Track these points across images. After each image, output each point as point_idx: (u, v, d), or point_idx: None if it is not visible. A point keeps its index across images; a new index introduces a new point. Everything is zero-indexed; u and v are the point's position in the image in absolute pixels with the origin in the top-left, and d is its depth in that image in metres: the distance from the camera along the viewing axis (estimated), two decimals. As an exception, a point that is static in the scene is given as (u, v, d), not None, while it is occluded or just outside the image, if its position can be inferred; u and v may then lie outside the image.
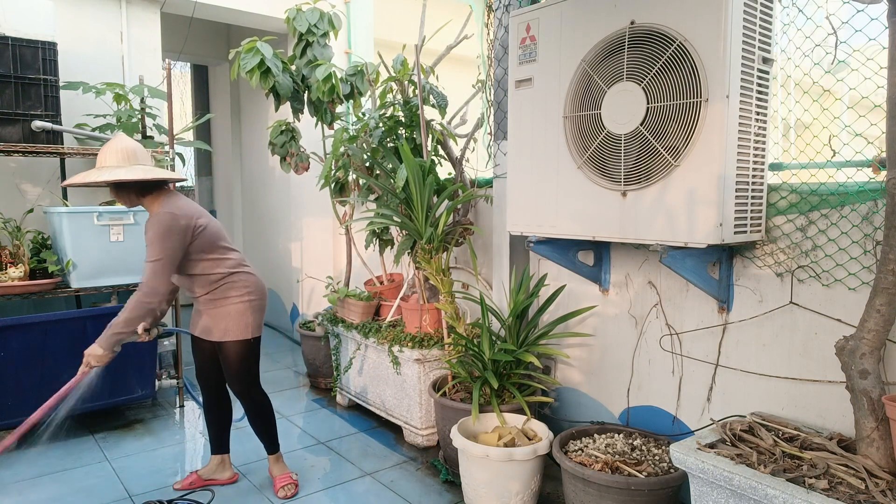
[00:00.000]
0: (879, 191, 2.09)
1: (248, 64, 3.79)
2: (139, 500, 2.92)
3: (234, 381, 2.91)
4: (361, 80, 4.08)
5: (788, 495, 1.79)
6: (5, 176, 4.14)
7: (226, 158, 7.32)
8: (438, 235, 3.26)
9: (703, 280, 2.51)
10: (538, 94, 2.75)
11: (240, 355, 2.86)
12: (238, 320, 2.81)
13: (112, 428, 3.82)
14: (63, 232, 3.66)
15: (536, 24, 2.75)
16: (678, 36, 2.21)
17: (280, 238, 6.42)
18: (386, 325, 3.84)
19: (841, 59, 2.18)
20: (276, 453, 3.08)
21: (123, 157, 2.72)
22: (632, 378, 2.97)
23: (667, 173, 2.28)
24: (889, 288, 1.89)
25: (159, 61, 4.75)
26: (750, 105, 2.23)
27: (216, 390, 3.05)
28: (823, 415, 2.29)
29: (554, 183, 2.71)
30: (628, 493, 2.33)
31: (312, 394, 4.55)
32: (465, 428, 2.88)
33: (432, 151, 3.77)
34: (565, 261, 2.99)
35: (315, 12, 4.01)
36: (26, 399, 3.45)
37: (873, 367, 1.93)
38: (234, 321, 2.81)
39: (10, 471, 3.23)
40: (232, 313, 2.80)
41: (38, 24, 3.86)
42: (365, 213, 4.17)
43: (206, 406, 3.09)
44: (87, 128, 4.19)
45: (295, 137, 4.41)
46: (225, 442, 3.12)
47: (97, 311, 3.69)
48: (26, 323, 3.41)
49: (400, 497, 2.98)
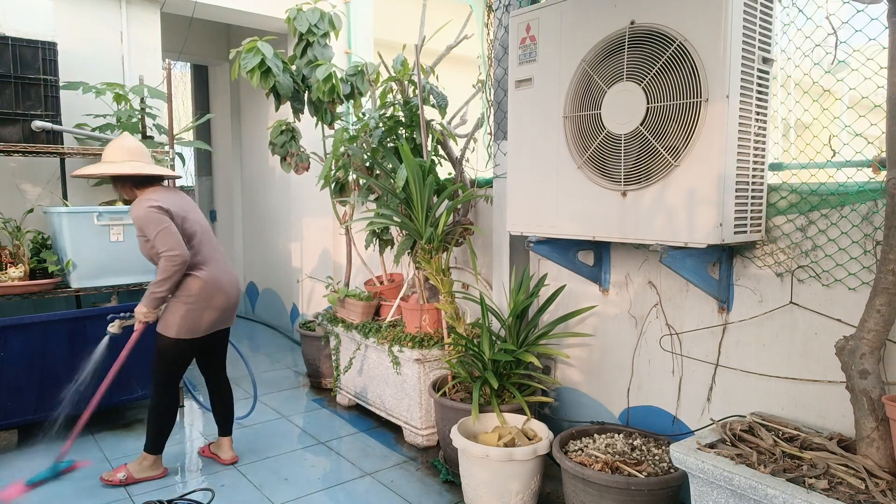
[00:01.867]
0: (879, 191, 2.09)
1: (249, 63, 3.80)
2: (139, 500, 2.92)
3: (152, 371, 3.08)
4: (361, 81, 4.08)
5: (788, 495, 1.79)
6: (5, 176, 4.14)
7: (226, 158, 7.32)
8: (438, 235, 3.26)
9: (703, 280, 2.51)
10: (538, 94, 2.75)
11: (160, 350, 3.02)
12: (170, 316, 2.97)
13: (112, 428, 3.81)
14: (63, 232, 3.66)
15: (536, 24, 2.75)
16: (678, 36, 2.21)
17: (280, 238, 6.42)
18: (386, 325, 3.84)
19: (841, 59, 2.18)
20: (147, 454, 3.12)
21: (125, 153, 3.01)
22: (632, 378, 2.97)
23: (667, 173, 2.28)
24: (889, 288, 1.89)
25: (159, 61, 4.75)
26: (750, 105, 2.23)
27: (212, 376, 3.32)
28: (823, 415, 2.29)
29: (554, 183, 2.71)
30: (628, 493, 2.33)
31: (312, 394, 4.55)
32: (465, 428, 2.88)
33: (432, 151, 3.77)
34: (565, 261, 2.99)
35: (316, 12, 4.01)
36: (26, 399, 3.46)
37: (873, 367, 1.93)
38: (169, 316, 2.98)
39: (11, 471, 3.23)
40: (171, 309, 2.98)
41: (38, 24, 3.86)
42: (365, 213, 4.18)
43: (209, 391, 3.36)
44: (87, 128, 4.19)
45: (295, 137, 4.41)
46: (224, 427, 3.36)
47: (97, 311, 3.69)
48: (26, 323, 3.41)
49: (400, 497, 2.98)
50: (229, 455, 3.33)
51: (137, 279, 3.93)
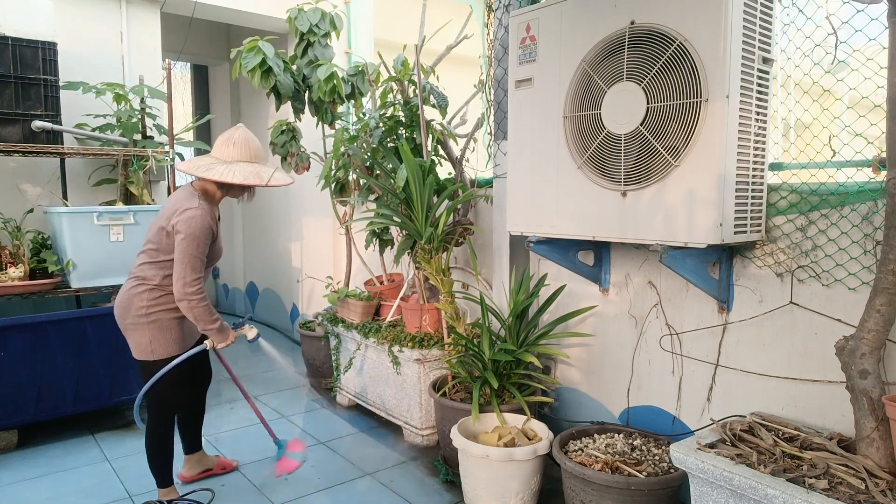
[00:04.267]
0: (879, 191, 2.09)
1: (250, 63, 3.80)
2: (139, 500, 2.92)
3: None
4: (362, 81, 4.09)
5: (788, 495, 1.79)
6: (5, 176, 4.14)
7: (226, 158, 7.30)
8: (438, 235, 3.26)
9: (703, 280, 2.51)
10: (538, 94, 2.75)
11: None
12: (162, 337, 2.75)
13: (112, 428, 3.81)
14: (63, 232, 3.66)
15: (536, 24, 2.75)
16: (678, 36, 2.21)
17: (280, 238, 6.42)
18: (386, 325, 3.84)
19: (841, 59, 2.18)
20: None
21: (252, 153, 2.72)
22: (632, 378, 2.97)
23: (667, 173, 2.28)
24: (889, 288, 1.89)
25: (159, 61, 4.75)
26: (750, 105, 2.23)
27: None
28: (823, 415, 2.29)
29: (554, 183, 2.71)
30: (628, 493, 2.33)
31: (312, 394, 4.55)
32: (465, 428, 2.88)
33: (432, 151, 3.77)
34: (565, 261, 2.99)
35: (317, 12, 4.02)
36: (26, 399, 3.46)
37: (873, 367, 1.93)
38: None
39: (11, 471, 3.23)
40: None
41: (38, 24, 3.87)
42: (365, 213, 4.18)
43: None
44: (87, 128, 4.19)
45: (296, 137, 4.41)
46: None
47: (97, 311, 3.69)
48: (26, 323, 3.41)
49: (400, 497, 2.98)
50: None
51: (137, 279, 3.93)
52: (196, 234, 2.53)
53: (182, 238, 2.52)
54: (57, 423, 3.79)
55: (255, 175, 2.65)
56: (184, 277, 2.51)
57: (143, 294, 2.63)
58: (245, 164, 2.68)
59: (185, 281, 2.52)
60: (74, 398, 3.63)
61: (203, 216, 2.56)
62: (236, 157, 2.68)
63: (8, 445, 3.47)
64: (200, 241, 2.54)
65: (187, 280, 2.51)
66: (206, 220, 2.57)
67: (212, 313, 2.61)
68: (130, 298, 2.64)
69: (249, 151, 2.70)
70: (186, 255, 2.52)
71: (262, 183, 2.65)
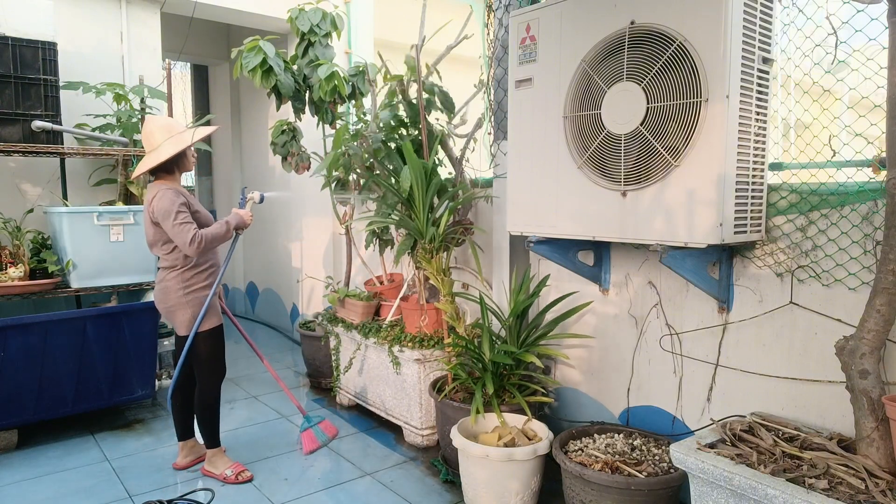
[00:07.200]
0: (879, 191, 2.09)
1: (251, 63, 3.80)
2: (139, 500, 2.92)
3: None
4: (363, 81, 4.08)
5: (788, 495, 1.79)
6: (5, 176, 4.14)
7: (226, 158, 7.31)
8: (440, 235, 3.26)
9: (703, 280, 2.51)
10: (538, 94, 2.75)
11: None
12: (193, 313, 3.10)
13: (112, 428, 3.81)
14: (63, 232, 3.66)
15: (536, 24, 2.75)
16: (678, 36, 2.21)
17: (280, 238, 6.42)
18: (386, 326, 3.83)
19: (841, 59, 2.18)
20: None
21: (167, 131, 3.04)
22: (632, 378, 2.97)
23: (667, 173, 2.28)
24: (889, 288, 1.89)
25: (159, 61, 4.75)
26: (750, 105, 2.23)
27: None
28: (823, 415, 2.29)
29: (554, 183, 2.71)
30: (628, 493, 2.33)
31: (312, 394, 4.55)
32: (465, 428, 2.88)
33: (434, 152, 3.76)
34: (565, 261, 2.99)
35: (318, 12, 4.02)
36: (26, 399, 3.46)
37: (873, 367, 1.93)
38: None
39: (10, 471, 3.23)
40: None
41: (38, 24, 3.87)
42: (365, 213, 4.17)
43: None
44: (87, 128, 4.19)
45: (296, 137, 4.41)
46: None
47: (97, 311, 3.69)
48: (26, 323, 3.41)
49: (400, 497, 2.98)
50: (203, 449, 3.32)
51: (137, 279, 3.93)
52: (169, 208, 2.86)
53: (164, 218, 2.88)
54: (57, 423, 3.80)
55: (179, 143, 3.01)
56: (184, 241, 2.86)
57: (176, 278, 3.00)
58: (167, 142, 3.02)
59: (184, 241, 2.86)
60: (74, 398, 3.63)
61: (166, 193, 2.90)
62: (159, 141, 3.01)
63: (8, 445, 3.47)
64: (178, 211, 2.88)
65: (186, 239, 2.86)
66: (170, 195, 2.90)
67: (219, 228, 3.04)
68: (167, 284, 3.02)
69: (163, 132, 3.02)
70: (175, 227, 2.87)
71: (189, 143, 3.01)
